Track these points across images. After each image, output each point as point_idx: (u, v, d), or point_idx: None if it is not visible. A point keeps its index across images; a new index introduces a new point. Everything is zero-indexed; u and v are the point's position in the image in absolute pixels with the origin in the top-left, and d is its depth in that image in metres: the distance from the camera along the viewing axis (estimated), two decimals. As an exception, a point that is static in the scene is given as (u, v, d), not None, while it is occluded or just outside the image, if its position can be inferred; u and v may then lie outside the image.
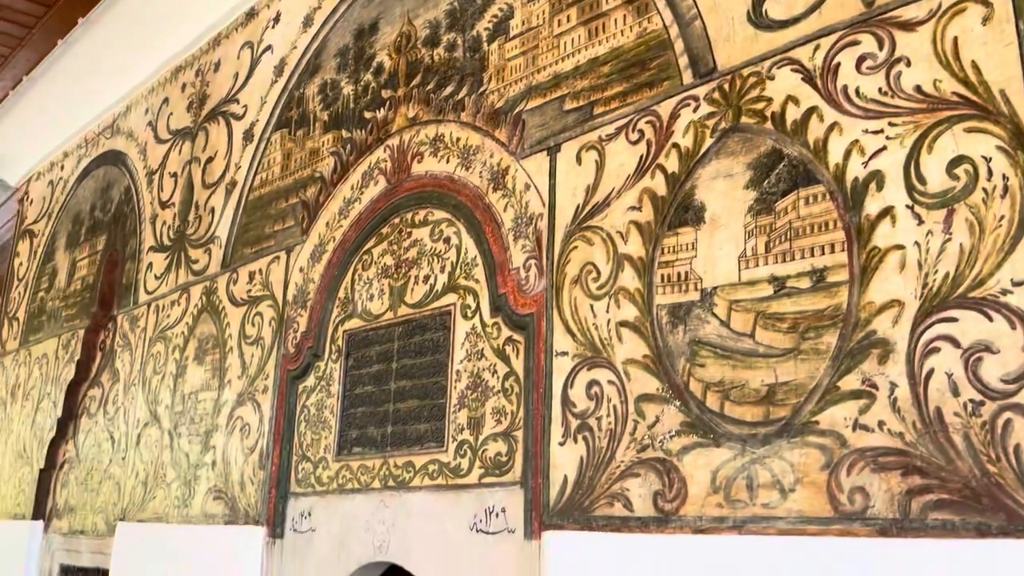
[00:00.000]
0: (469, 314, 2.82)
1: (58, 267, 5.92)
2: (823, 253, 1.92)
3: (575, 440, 2.35)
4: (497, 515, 2.54)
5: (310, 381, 3.43)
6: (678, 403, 2.13)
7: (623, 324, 2.31)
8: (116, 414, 4.75)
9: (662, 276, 2.24)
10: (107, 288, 5.20)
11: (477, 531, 2.59)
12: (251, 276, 3.91)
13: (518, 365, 2.60)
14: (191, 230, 4.49)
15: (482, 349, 2.74)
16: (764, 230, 2.04)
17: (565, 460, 2.36)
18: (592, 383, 2.35)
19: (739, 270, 2.07)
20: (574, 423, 2.37)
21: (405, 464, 2.90)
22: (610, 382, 2.30)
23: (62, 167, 6.35)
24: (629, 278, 2.32)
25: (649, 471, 2.15)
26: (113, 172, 5.55)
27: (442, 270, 2.96)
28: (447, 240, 2.97)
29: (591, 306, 2.40)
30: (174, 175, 4.81)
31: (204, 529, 3.74)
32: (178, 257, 4.54)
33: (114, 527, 4.42)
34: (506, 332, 2.67)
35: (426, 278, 3.02)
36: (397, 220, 3.21)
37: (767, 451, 1.92)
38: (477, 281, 2.82)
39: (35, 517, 5.24)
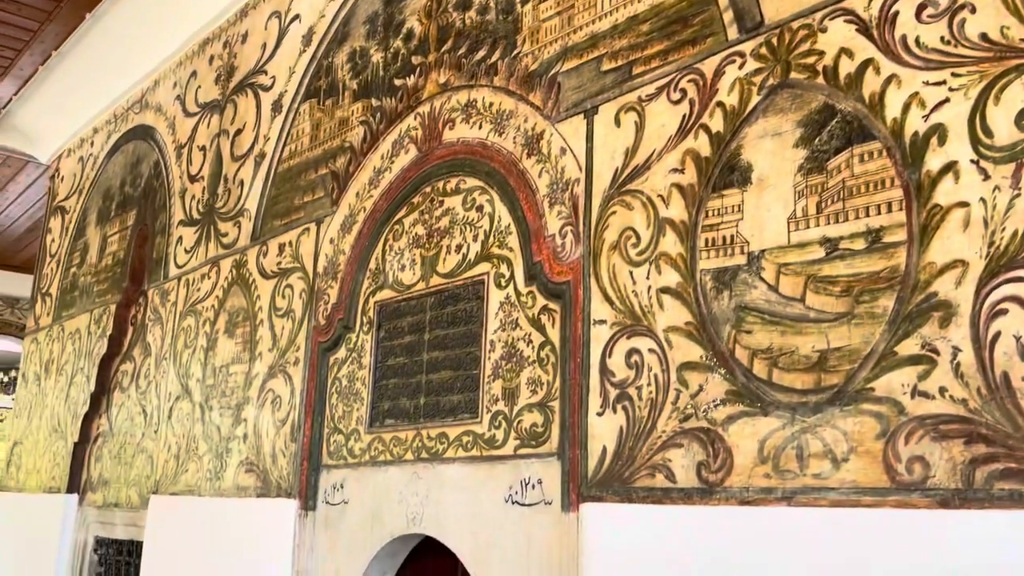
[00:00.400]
0: (503, 283, 2.75)
1: (89, 243, 5.94)
2: (879, 213, 1.83)
3: (614, 410, 2.28)
4: (533, 487, 2.49)
5: (341, 353, 3.39)
6: (723, 371, 2.05)
7: (664, 291, 2.23)
8: (148, 388, 4.76)
9: (706, 240, 2.16)
10: (137, 263, 5.20)
11: (512, 503, 2.54)
12: (281, 248, 3.88)
13: (554, 335, 2.54)
14: (220, 203, 4.46)
15: (516, 319, 2.67)
16: (815, 190, 1.95)
17: (604, 430, 2.29)
18: (632, 352, 2.28)
19: (788, 232, 1.98)
20: (613, 393, 2.30)
21: (438, 435, 2.85)
22: (651, 350, 2.23)
23: (92, 143, 6.36)
24: (671, 243, 2.24)
25: (692, 441, 2.08)
26: (142, 147, 5.54)
27: (475, 239, 2.89)
28: (480, 208, 2.91)
29: (630, 273, 2.33)
30: (203, 148, 4.77)
31: (236, 502, 3.73)
32: (207, 230, 4.51)
33: (147, 500, 4.43)
34: (541, 301, 2.60)
35: (458, 247, 2.95)
36: (428, 189, 3.15)
37: (818, 420, 1.84)
38: (511, 249, 2.75)
39: (70, 491, 5.29)
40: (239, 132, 4.45)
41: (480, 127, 2.96)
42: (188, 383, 4.34)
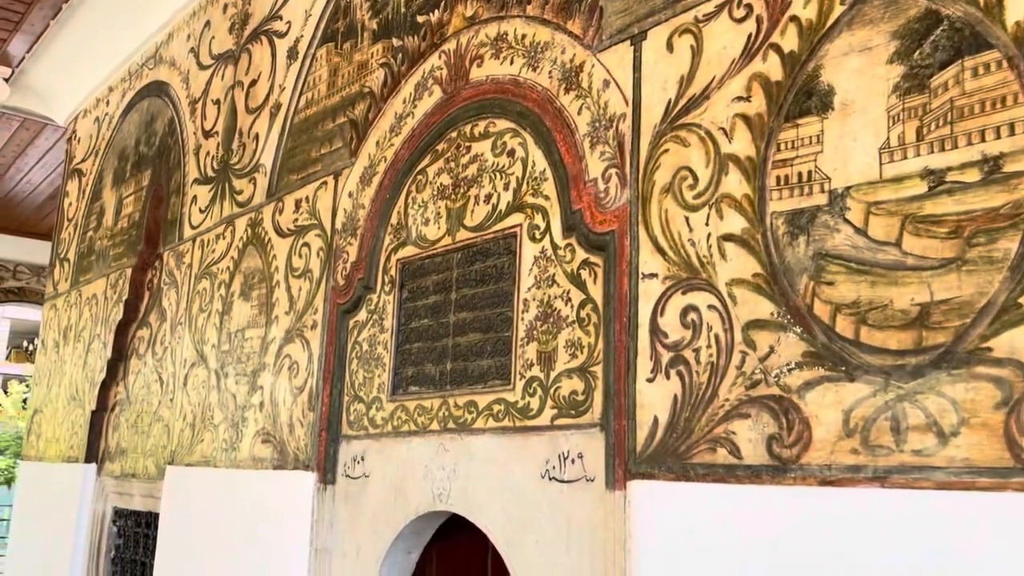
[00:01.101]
0: (538, 236, 2.46)
1: (105, 205, 5.74)
2: (998, 137, 1.51)
3: (667, 376, 2.00)
4: (573, 461, 2.22)
5: (361, 315, 3.14)
6: (799, 329, 1.76)
7: (727, 238, 1.93)
8: (164, 355, 4.55)
9: (778, 178, 1.85)
10: (153, 225, 4.98)
11: (550, 479, 2.27)
12: (297, 204, 3.62)
13: (596, 291, 2.25)
14: (235, 159, 4.20)
15: (553, 275, 2.39)
16: (915, 113, 1.63)
17: (655, 399, 2.01)
18: (688, 309, 1.99)
19: (880, 165, 1.67)
20: (665, 356, 2.01)
21: (467, 404, 2.59)
22: (711, 307, 1.94)
23: (107, 102, 6.13)
24: (735, 182, 1.94)
25: (762, 411, 1.79)
26: (157, 104, 5.30)
27: (506, 187, 2.60)
28: (511, 153, 2.61)
29: (686, 219, 2.03)
30: (217, 102, 4.52)
31: (252, 474, 3.52)
32: (222, 188, 4.27)
33: (164, 470, 4.24)
34: (581, 254, 2.31)
35: (488, 197, 2.66)
36: (454, 134, 2.86)
37: (919, 386, 1.54)
38: (547, 198, 2.46)
39: (87, 460, 5.13)
40: (254, 83, 4.18)
41: (511, 62, 2.66)
42: (203, 349, 4.13)
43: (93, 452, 5.15)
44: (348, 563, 2.95)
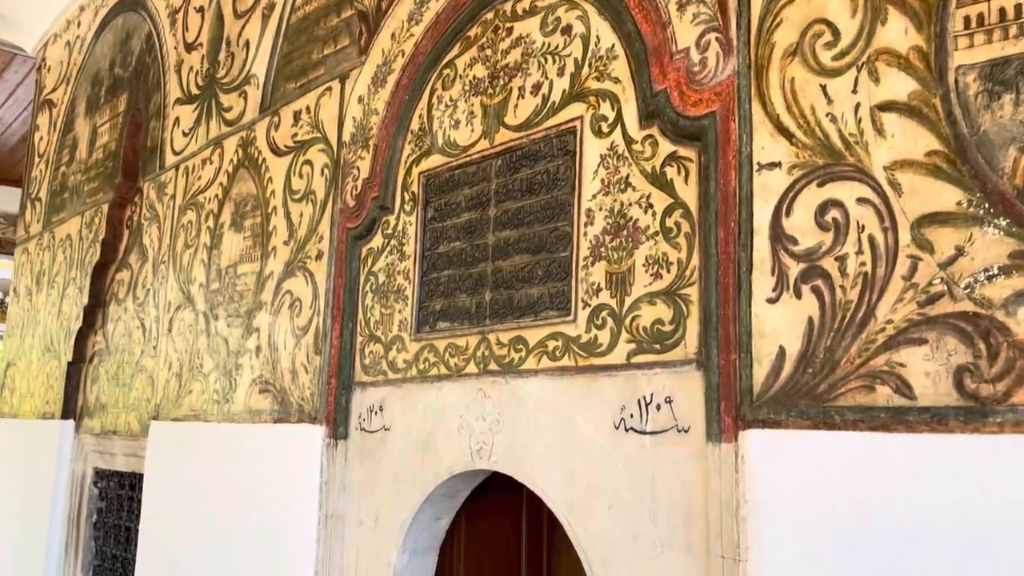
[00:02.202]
0: (605, 129, 1.97)
1: (79, 137, 5.18)
2: None
3: (797, 294, 1.53)
4: (658, 407, 1.76)
5: (376, 241, 2.64)
6: (1003, 222, 1.28)
7: (887, 107, 1.45)
8: (146, 298, 4.05)
9: (967, 19, 1.36)
10: (131, 154, 4.44)
11: (627, 430, 1.81)
12: (296, 117, 3.10)
13: (688, 193, 1.77)
14: (222, 72, 3.66)
15: (627, 176, 1.90)
16: None
17: (780, 325, 1.54)
18: (828, 205, 1.51)
19: None
20: (795, 269, 1.54)
21: (513, 341, 2.11)
22: (862, 201, 1.46)
23: (79, 23, 5.53)
24: (896, 32, 1.45)
25: (945, 335, 1.32)
26: (132, 19, 4.72)
27: (560, 73, 2.10)
28: (567, 30, 2.11)
29: (822, 88, 1.54)
30: (200, 10, 3.95)
31: (249, 429, 3.05)
32: (208, 106, 3.73)
33: (148, 427, 3.77)
34: (667, 147, 1.83)
35: (536, 88, 2.16)
36: (490, 15, 2.34)
37: None
38: (616, 81, 1.96)
39: (64, 416, 4.65)
40: (242, -17, 3.63)
41: (566, -82, 2.14)
42: (190, 289, 3.63)
43: (70, 408, 4.67)
44: (365, 532, 2.50)
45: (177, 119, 4.00)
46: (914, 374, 1.35)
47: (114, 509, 4.28)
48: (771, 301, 1.56)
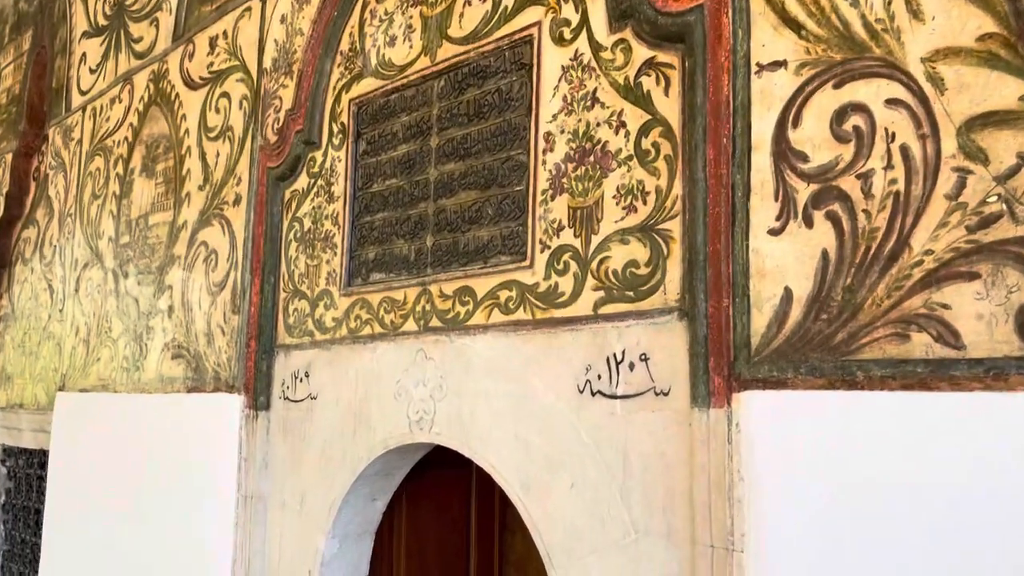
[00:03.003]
0: (567, 35, 1.64)
1: (-19, 81, 4.67)
2: None
3: (807, 222, 1.23)
4: (632, 366, 1.45)
5: (301, 181, 2.29)
6: (1085, 119, 0.99)
7: (926, -18, 1.14)
8: (53, 257, 3.63)
9: None
10: (36, 97, 3.98)
11: (593, 394, 1.51)
12: (212, 44, 2.71)
13: (668, 107, 1.46)
14: (132, -1, 3.24)
15: (593, 91, 1.58)
16: None
17: (786, 261, 1.25)
18: (847, 110, 1.20)
19: None
20: (804, 191, 1.24)
21: (458, 292, 1.79)
22: (893, 102, 1.16)
23: (-20, -44, 4.99)
24: None
25: (1004, 266, 1.04)
26: (37, -53, 4.22)
27: (514, -26, 1.77)
28: (522, -78, 1.77)
29: (840, -35, 1.23)
30: (108, -70, 3.50)
31: (160, 399, 2.69)
32: (117, 38, 3.30)
33: (55, 399, 3.37)
34: (643, 53, 1.51)
35: (485, -6, 1.83)
36: (432, -88, 1.99)
37: None
38: (581, -22, 1.63)
39: (-33, 388, 4.21)
40: (154, -103, 3.19)
41: None
42: (98, 245, 3.23)
43: (-26, 379, 4.22)
44: (289, 515, 2.17)
45: (84, 55, 3.56)
46: (962, 318, 1.06)
47: (23, 490, 3.88)
48: (774, 232, 1.26)
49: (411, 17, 2.01)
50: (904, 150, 1.14)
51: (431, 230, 1.89)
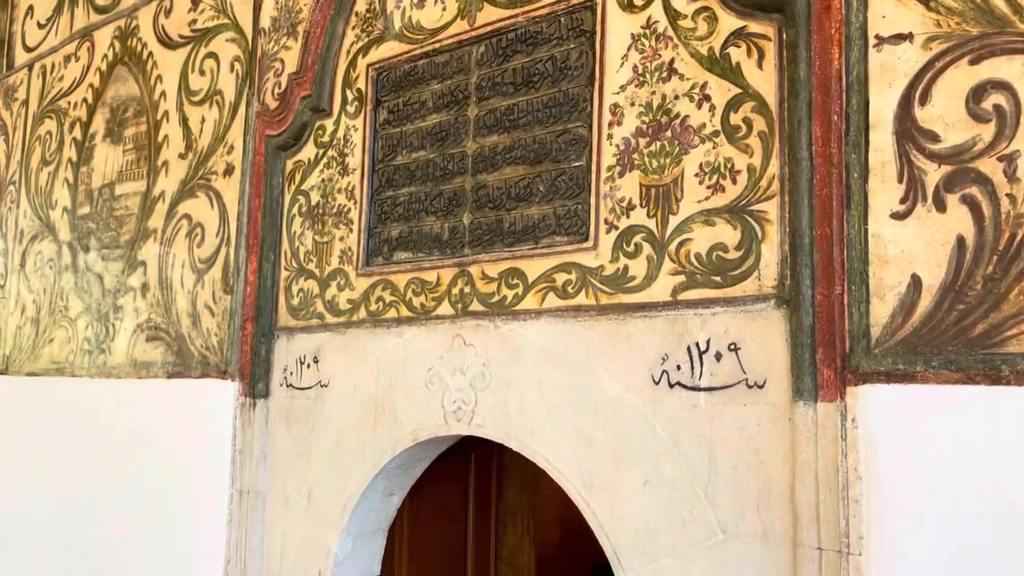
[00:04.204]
0: (637, 2, 1.53)
1: (-102, 33, 4.24)
2: None
3: (939, 206, 1.16)
4: (719, 357, 1.36)
5: (308, 151, 2.11)
6: None
7: (1084, -46, 1.08)
8: (-9, 228, 3.32)
9: None
10: (-31, 53, 3.62)
11: (671, 385, 1.41)
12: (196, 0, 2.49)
13: (763, 80, 1.36)
14: (91, -52, 2.96)
15: (670, 61, 1.48)
16: None
17: (913, 247, 1.17)
18: (987, 88, 1.14)
19: None
20: (934, 173, 1.17)
21: (505, 275, 1.67)
22: (1043, 80, 1.09)
23: None
24: None
25: None
26: None
27: (571, -66, 1.64)
28: None
29: (978, -67, 1.16)
30: None
31: (134, 386, 2.46)
32: (73, -10, 3.02)
33: (-5, 383, 3.08)
34: (730, 22, 1.41)
35: (535, -46, 1.70)
36: None
37: None
38: (654, -60, 1.52)
39: None
40: None
41: None
42: (49, 216, 2.95)
43: None
44: (293, 512, 2.01)
45: (31, 8, 3.25)
46: None
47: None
48: (898, 216, 1.19)
49: (445, -24, 1.86)
50: (1057, 131, 1.08)
51: (469, 207, 1.76)
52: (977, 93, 1.14)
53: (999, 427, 1.08)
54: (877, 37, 1.24)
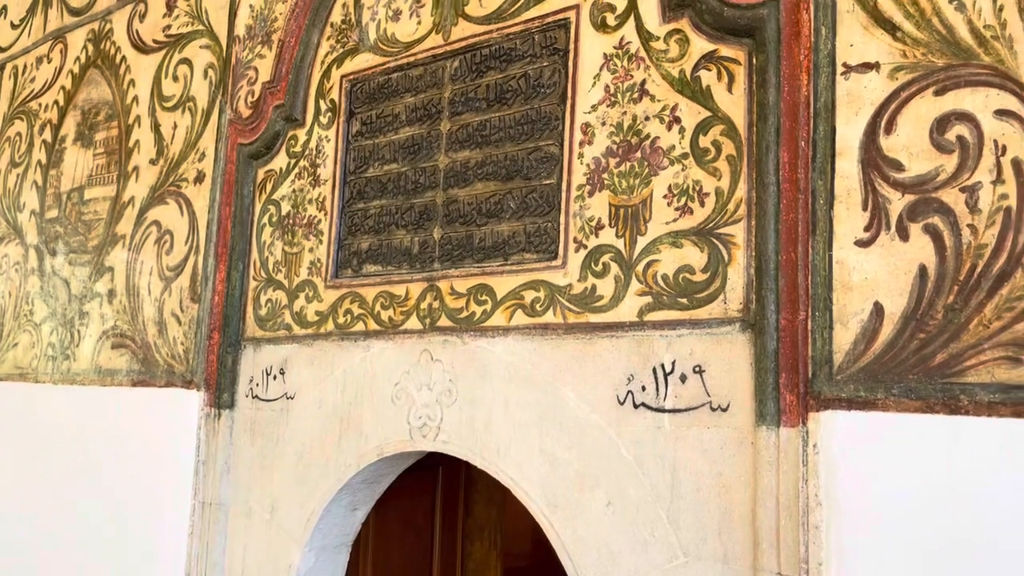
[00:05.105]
0: (611, 22, 1.54)
1: None
2: None
3: (902, 235, 1.16)
4: (683, 378, 1.36)
5: (280, 161, 2.10)
6: None
7: (1046, -10, 1.09)
8: (-44, 228, 3.26)
9: None
10: (-61, 50, 3.57)
11: (636, 406, 1.41)
12: (170, 5, 2.46)
13: (732, 104, 1.37)
14: (67, -52, 2.93)
15: (641, 82, 1.48)
16: None
17: (877, 275, 1.18)
18: (950, 119, 1.15)
19: None
20: (898, 202, 1.17)
21: (473, 291, 1.66)
22: (1004, 113, 1.11)
23: None
24: None
25: None
26: None
27: (547, -48, 1.65)
28: None
29: (944, -35, 1.18)
30: None
31: (97, 393, 2.43)
32: (47, -9, 2.99)
33: (-44, 387, 3.02)
34: (701, 45, 1.42)
35: (511, -30, 1.70)
36: None
37: None
38: (629, -39, 1.53)
39: None
40: None
41: None
42: (16, 218, 2.91)
43: None
44: (255, 525, 1.99)
45: (4, 8, 3.21)
46: (1082, 343, 1.02)
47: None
48: (862, 244, 1.20)
49: (420, -10, 1.85)
50: (1016, 164, 1.09)
51: (439, 221, 1.75)
52: (941, 124, 1.15)
53: (957, 456, 1.08)
54: (845, 65, 1.25)
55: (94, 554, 2.33)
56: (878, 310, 1.17)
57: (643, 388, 1.41)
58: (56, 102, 2.84)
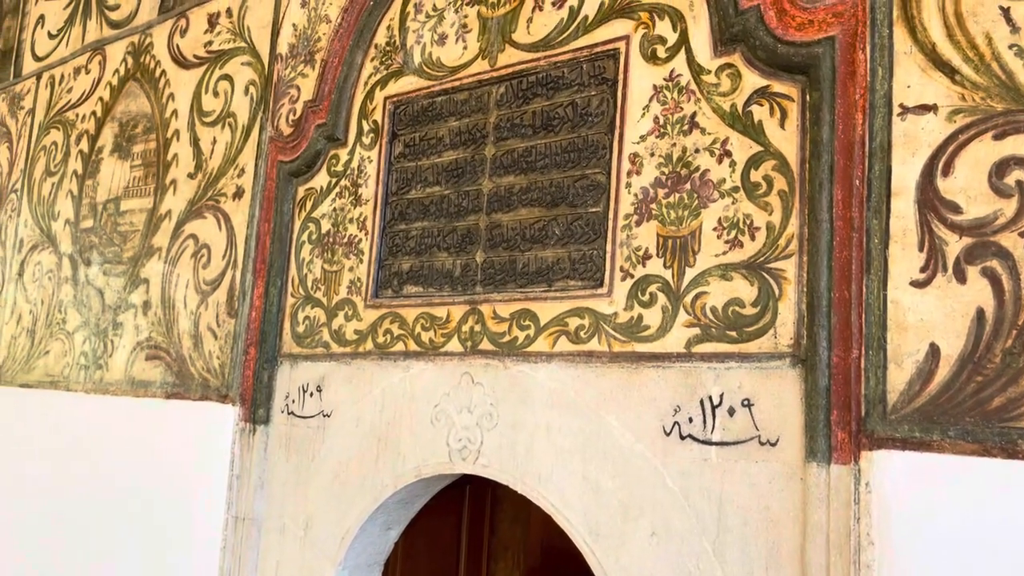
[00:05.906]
0: (661, 54, 1.55)
1: (-97, 33, 4.23)
2: None
3: (959, 277, 1.17)
4: (732, 412, 1.37)
5: (320, 179, 2.12)
6: None
7: (1110, 39, 1.10)
8: (-11, 234, 3.29)
9: None
10: (-25, 58, 3.62)
11: (682, 437, 1.42)
12: (212, 21, 2.49)
13: (784, 139, 1.38)
14: (108, -38, 2.97)
15: (692, 115, 1.49)
16: None
17: (933, 316, 1.18)
18: (1010, 163, 1.16)
19: None
20: (955, 244, 1.18)
21: (517, 315, 1.67)
22: (1066, 160, 1.11)
23: None
24: None
25: None
26: None
27: (596, -18, 1.66)
28: (610, -72, 1.66)
29: (1004, 10, 1.19)
30: None
31: (130, 404, 2.44)
32: (86, 3, 3.02)
33: (-15, 392, 3.05)
34: (753, 80, 1.43)
35: (560, -1, 1.72)
36: (497, -94, 1.86)
37: None
38: (680, -6, 1.54)
39: None
40: None
41: None
42: (51, 227, 2.94)
43: None
44: (289, 541, 2.00)
45: (42, 17, 3.25)
46: None
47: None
48: (918, 285, 1.20)
49: (466, 16, 1.87)
50: (1078, 210, 1.10)
51: (482, 245, 1.76)
52: (1000, 168, 1.16)
53: (1014, 501, 1.09)
54: (902, 106, 1.26)
55: (124, 565, 2.34)
56: (934, 351, 1.18)
57: (690, 420, 1.41)
58: (94, 113, 2.87)
